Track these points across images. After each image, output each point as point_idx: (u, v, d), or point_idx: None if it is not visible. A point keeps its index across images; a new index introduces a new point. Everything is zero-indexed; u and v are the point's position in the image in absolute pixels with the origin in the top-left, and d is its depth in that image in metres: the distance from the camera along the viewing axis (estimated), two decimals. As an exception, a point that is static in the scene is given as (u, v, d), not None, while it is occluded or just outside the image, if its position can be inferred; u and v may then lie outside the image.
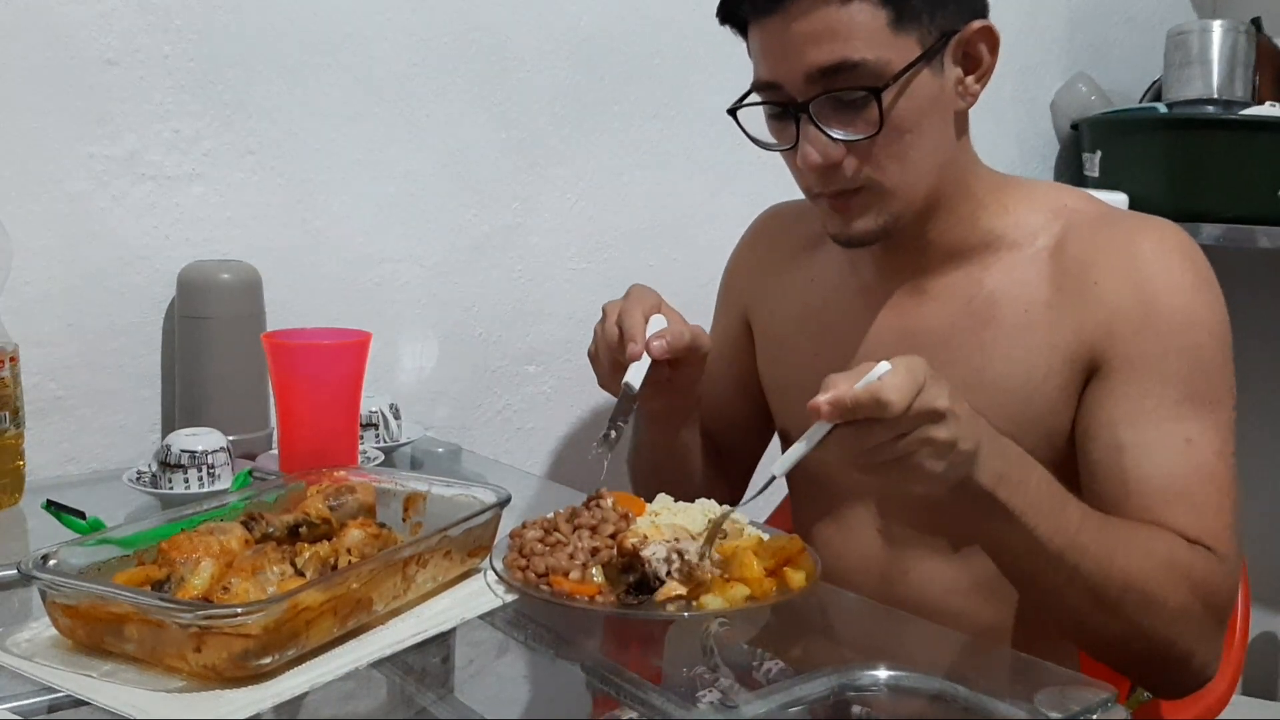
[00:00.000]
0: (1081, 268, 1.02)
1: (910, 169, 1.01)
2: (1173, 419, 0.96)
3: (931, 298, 1.08)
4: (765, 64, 1.01)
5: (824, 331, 1.15)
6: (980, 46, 1.02)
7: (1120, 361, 0.98)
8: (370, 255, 1.46)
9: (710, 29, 1.06)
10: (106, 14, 1.25)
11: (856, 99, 0.97)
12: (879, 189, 1.01)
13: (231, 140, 1.35)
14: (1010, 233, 1.06)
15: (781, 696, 0.75)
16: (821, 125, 0.98)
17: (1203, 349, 0.98)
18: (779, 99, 1.01)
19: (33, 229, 1.23)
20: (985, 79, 1.04)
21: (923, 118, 1.00)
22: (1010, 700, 0.76)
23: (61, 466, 1.27)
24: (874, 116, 0.97)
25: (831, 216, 1.04)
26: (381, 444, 1.28)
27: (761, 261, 1.26)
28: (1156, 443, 0.96)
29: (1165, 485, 0.95)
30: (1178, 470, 0.95)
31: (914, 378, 0.78)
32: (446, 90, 1.50)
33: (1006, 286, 1.05)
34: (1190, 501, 0.94)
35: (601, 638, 0.90)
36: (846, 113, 0.98)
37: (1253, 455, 2.18)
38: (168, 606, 0.74)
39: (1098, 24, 2.21)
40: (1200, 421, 0.96)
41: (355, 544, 0.85)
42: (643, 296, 1.09)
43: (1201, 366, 0.98)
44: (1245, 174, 1.87)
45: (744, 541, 0.90)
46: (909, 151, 1.00)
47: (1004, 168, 1.11)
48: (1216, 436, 0.97)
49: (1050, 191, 1.10)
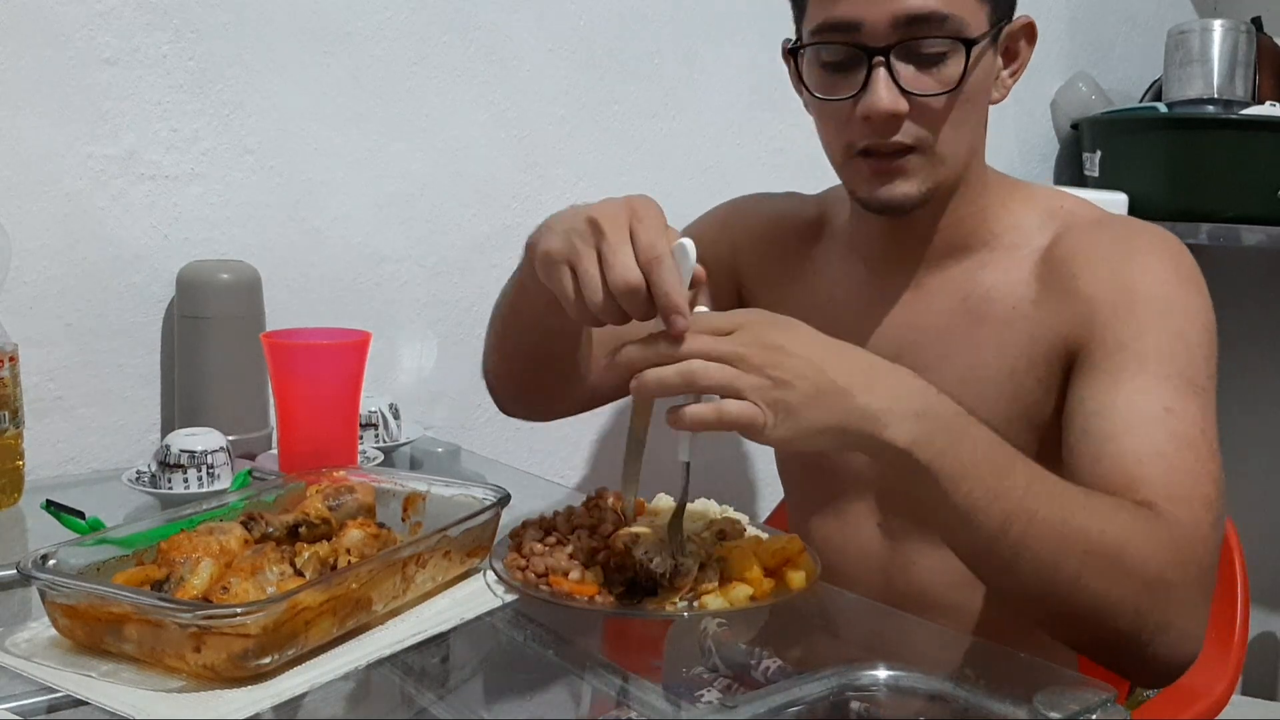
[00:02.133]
0: (1066, 265, 1.02)
1: (961, 140, 1.00)
2: (1152, 391, 0.91)
3: (930, 293, 1.09)
4: (844, 3, 0.96)
5: (830, 326, 1.14)
6: (1021, 41, 1.04)
7: (1097, 345, 0.96)
8: (370, 255, 1.46)
9: (710, 29, 1.06)
10: (105, 13, 1.25)
11: (940, 52, 0.96)
12: (931, 152, 0.99)
13: (230, 139, 1.35)
14: (1009, 233, 1.07)
15: (781, 696, 0.75)
16: (896, 74, 0.96)
17: (1184, 334, 0.95)
18: (853, 41, 0.97)
19: (32, 228, 1.23)
20: (1018, 75, 1.05)
21: (981, 92, 1.01)
22: (1010, 700, 0.76)
23: (61, 466, 1.27)
24: (953, 74, 0.96)
25: (871, 179, 1.01)
26: (381, 444, 1.28)
27: (767, 237, 1.22)
28: (1135, 409, 0.90)
29: (1140, 446, 0.88)
30: (1156, 434, 0.89)
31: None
32: (446, 90, 1.50)
33: (999, 285, 1.05)
34: (1167, 464, 0.87)
35: (601, 638, 0.90)
36: (924, 66, 0.97)
37: (1252, 455, 2.19)
38: (167, 606, 0.74)
39: (1098, 24, 2.21)
40: (1181, 397, 0.91)
41: (355, 544, 0.85)
42: (661, 220, 0.83)
43: (1184, 347, 0.94)
44: (1245, 174, 1.87)
45: (744, 542, 0.90)
46: (967, 121, 1.00)
47: (1004, 168, 1.11)
48: (1199, 415, 0.91)
49: (1051, 196, 1.11)
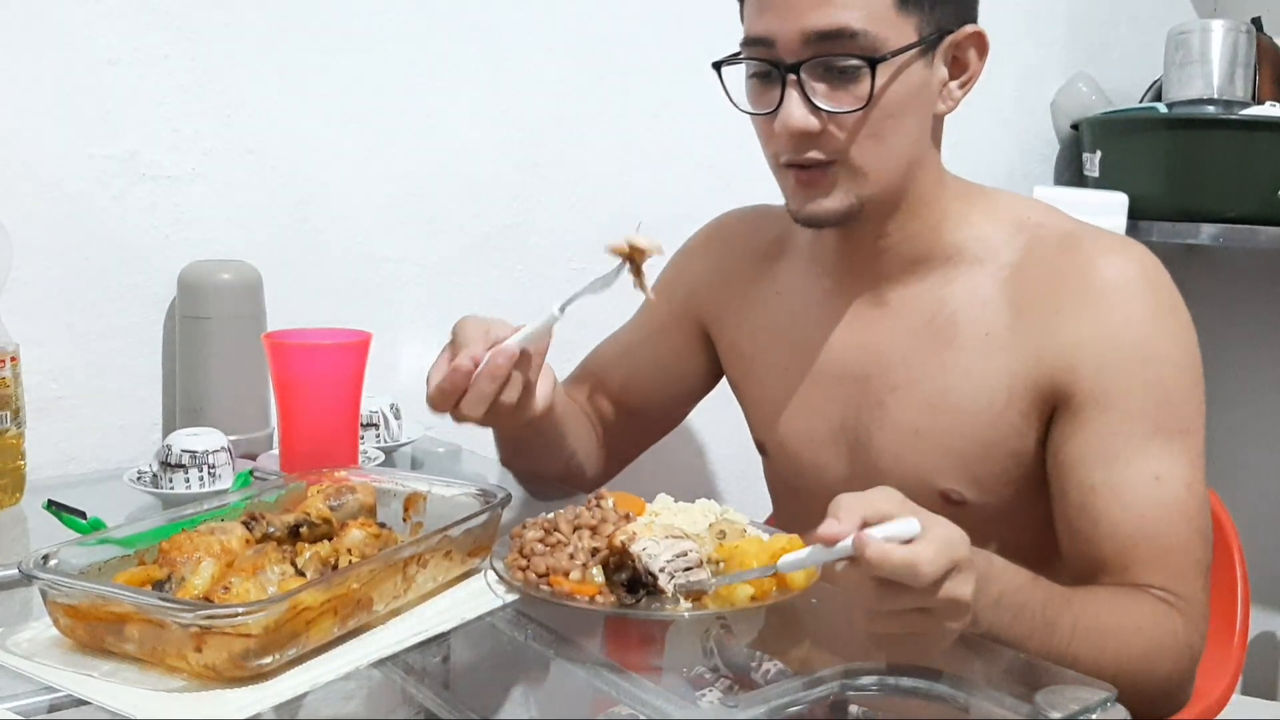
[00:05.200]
0: (1043, 293, 1.02)
1: (885, 154, 1.01)
2: (1141, 455, 0.97)
3: (893, 310, 1.08)
4: (761, 19, 0.99)
5: (794, 345, 1.15)
6: (970, 51, 1.03)
7: (1085, 398, 0.99)
8: (371, 255, 1.46)
9: (711, 30, 1.06)
10: (107, 14, 1.25)
11: (849, 69, 0.97)
12: (851, 167, 1.00)
13: (232, 140, 1.35)
14: (972, 246, 1.06)
15: (782, 697, 0.75)
16: (810, 90, 0.98)
17: (1166, 381, 0.99)
18: (768, 57, 0.99)
19: (33, 229, 1.23)
20: (969, 85, 1.04)
21: (907, 106, 1.00)
22: (1010, 700, 0.76)
23: (62, 466, 1.27)
24: (864, 91, 0.97)
25: (797, 191, 1.03)
26: (382, 444, 1.29)
27: (722, 270, 1.24)
28: (1126, 483, 0.97)
29: (1136, 528, 0.96)
30: (1148, 512, 0.96)
31: (950, 555, 0.75)
32: (446, 90, 1.50)
33: (968, 306, 1.05)
34: (1160, 544, 0.96)
35: (601, 638, 0.90)
36: (836, 82, 0.98)
37: (1252, 454, 2.19)
38: (168, 606, 0.74)
39: (1098, 24, 2.21)
40: (1169, 456, 0.97)
41: (356, 544, 0.85)
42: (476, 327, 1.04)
43: (1167, 398, 0.98)
44: (1245, 174, 1.87)
45: (744, 542, 0.90)
46: (889, 135, 1.00)
47: (1004, 168, 1.12)
48: (1185, 469, 0.98)
49: (1014, 204, 1.10)
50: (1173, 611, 0.95)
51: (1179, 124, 1.95)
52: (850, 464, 1.11)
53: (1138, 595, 0.95)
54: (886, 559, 0.73)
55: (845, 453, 1.12)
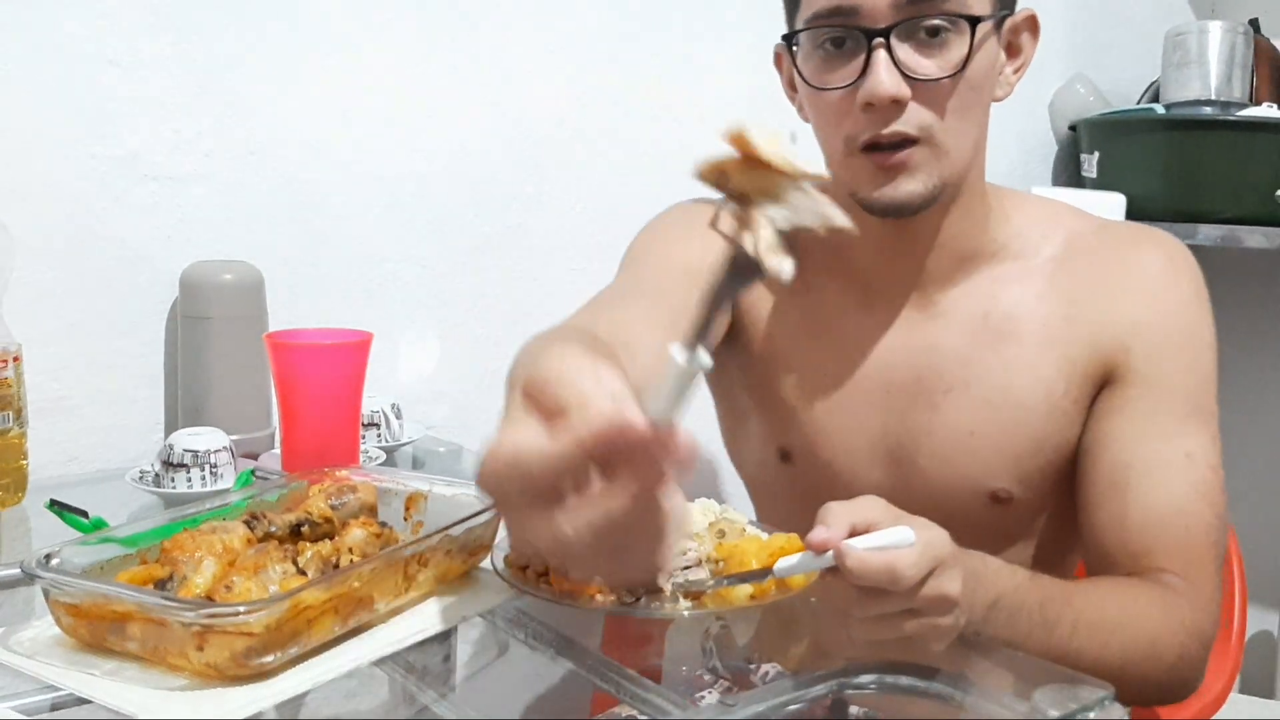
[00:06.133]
0: (1093, 282, 1.03)
1: (966, 132, 0.97)
2: (1178, 434, 0.99)
3: (942, 312, 1.06)
4: None
5: (829, 350, 1.10)
6: (1024, 35, 1.03)
7: (1135, 377, 1.00)
8: (371, 255, 1.47)
9: (711, 30, 1.06)
10: (108, 14, 1.26)
11: (942, 34, 0.93)
12: (934, 144, 0.95)
13: (233, 140, 1.35)
14: (1013, 243, 1.06)
15: (781, 696, 0.75)
16: (898, 58, 0.92)
17: (1204, 363, 1.02)
18: (853, 24, 0.93)
19: (35, 229, 1.23)
20: (1022, 71, 1.03)
21: (985, 83, 0.97)
22: (1009, 699, 0.76)
23: (64, 466, 1.27)
24: (957, 56, 0.93)
25: (875, 175, 0.96)
26: (383, 443, 1.29)
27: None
28: (1160, 460, 0.98)
29: (1164, 504, 0.97)
30: (1177, 489, 0.97)
31: (931, 555, 0.74)
32: (446, 90, 1.50)
33: (1023, 300, 1.04)
34: (1185, 523, 0.97)
35: (601, 637, 0.90)
36: (926, 49, 0.94)
37: (1251, 455, 2.19)
38: (170, 605, 0.74)
39: (1096, 25, 2.21)
40: (1200, 435, 0.99)
41: (357, 543, 0.86)
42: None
43: (1203, 380, 1.01)
44: (1243, 175, 1.87)
45: (744, 541, 0.90)
46: (972, 109, 0.96)
47: (1003, 168, 1.12)
48: (1212, 449, 1.00)
49: (1041, 203, 1.10)
50: (1181, 599, 0.94)
51: (1176, 125, 1.95)
52: (887, 472, 1.08)
53: (1143, 585, 0.95)
54: (865, 567, 0.73)
55: (882, 459, 1.08)
